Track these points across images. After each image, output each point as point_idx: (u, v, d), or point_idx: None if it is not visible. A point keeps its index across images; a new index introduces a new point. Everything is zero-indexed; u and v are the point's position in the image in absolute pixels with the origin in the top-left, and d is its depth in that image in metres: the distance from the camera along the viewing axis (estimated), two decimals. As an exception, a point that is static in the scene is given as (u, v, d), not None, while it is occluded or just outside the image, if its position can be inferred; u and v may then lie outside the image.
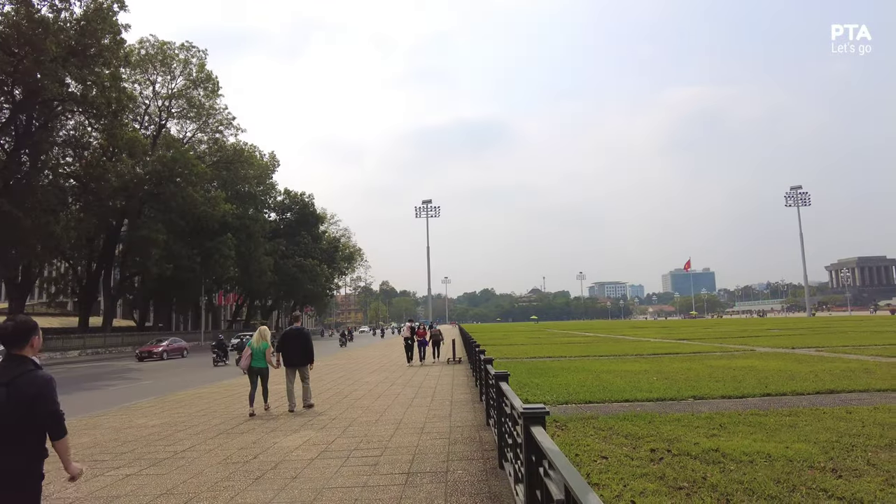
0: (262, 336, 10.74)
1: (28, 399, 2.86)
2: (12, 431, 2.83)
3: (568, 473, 2.23)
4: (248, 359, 10.54)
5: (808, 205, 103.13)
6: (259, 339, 10.70)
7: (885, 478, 5.03)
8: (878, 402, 8.89)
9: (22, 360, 2.99)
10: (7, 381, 2.86)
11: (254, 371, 10.56)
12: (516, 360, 19.82)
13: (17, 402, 2.84)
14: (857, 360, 15.36)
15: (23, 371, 2.93)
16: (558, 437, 7.19)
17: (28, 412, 2.86)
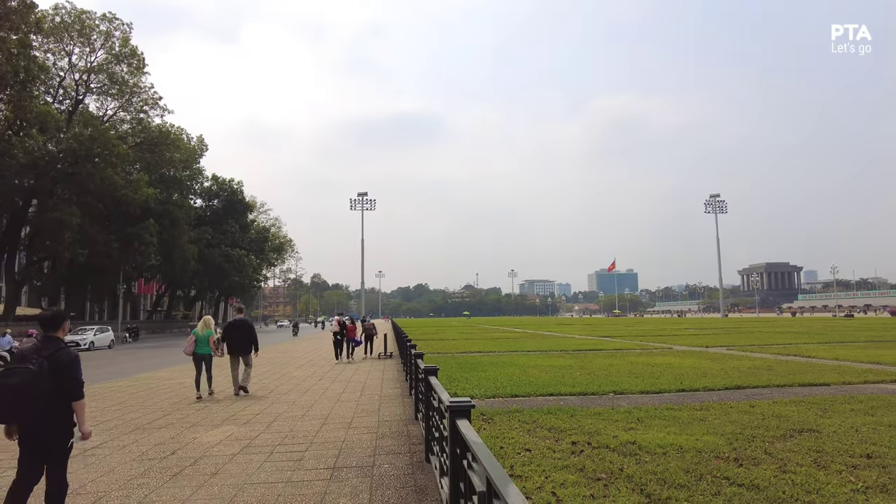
0: (207, 324, 11.53)
1: (62, 368, 3.88)
2: (45, 395, 3.77)
3: (490, 465, 2.28)
4: (193, 345, 11.19)
5: (724, 212, 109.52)
6: (203, 327, 11.44)
7: (779, 465, 5.45)
8: (777, 397, 9.59)
9: (56, 340, 4.03)
10: (48, 355, 3.87)
11: (198, 357, 11.20)
12: (447, 355, 19.99)
13: (55, 370, 3.85)
14: (761, 359, 16.51)
15: (58, 347, 3.96)
16: (485, 430, 7.32)
17: (61, 378, 3.87)
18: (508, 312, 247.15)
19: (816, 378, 11.80)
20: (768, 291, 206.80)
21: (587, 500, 4.55)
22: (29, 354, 3.89)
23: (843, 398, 9.28)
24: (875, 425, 7.19)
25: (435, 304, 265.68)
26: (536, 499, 4.64)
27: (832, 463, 5.52)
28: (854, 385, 10.98)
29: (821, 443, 6.32)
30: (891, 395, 9.60)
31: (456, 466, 3.33)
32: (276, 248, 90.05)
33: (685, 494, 4.65)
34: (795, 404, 8.79)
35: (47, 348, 3.91)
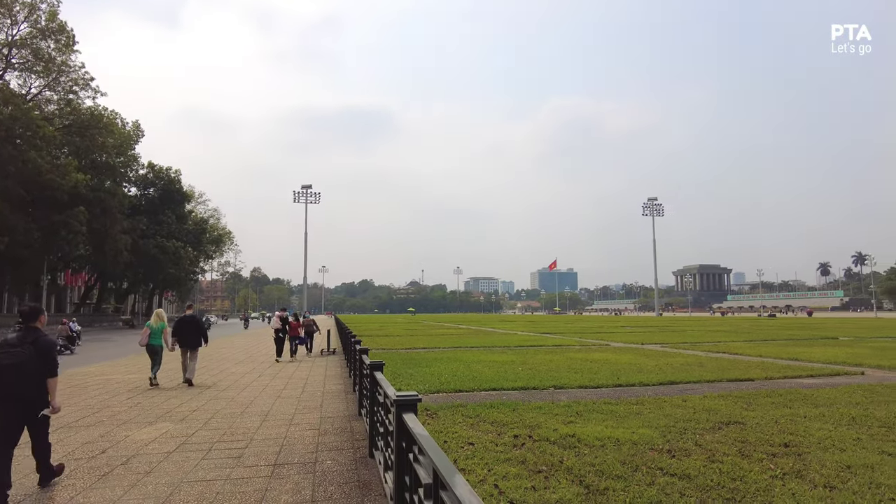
0: (160, 317, 12.46)
1: (45, 351, 4.93)
2: (36, 373, 4.85)
3: (436, 457, 2.31)
4: (147, 337, 12.07)
5: (661, 215, 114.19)
6: (157, 320, 12.34)
7: (708, 455, 5.75)
8: (707, 392, 10.09)
9: (36, 329, 5.04)
10: (32, 341, 4.90)
11: (151, 348, 12.10)
12: (392, 351, 19.94)
13: (38, 354, 4.88)
14: (693, 356, 17.32)
15: (39, 336, 5.00)
16: (429, 424, 7.36)
17: (43, 361, 4.91)
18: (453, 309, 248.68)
19: (742, 374, 12.48)
20: (700, 292, 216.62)
21: (528, 492, 4.66)
22: (16, 342, 4.86)
23: (765, 392, 9.86)
24: (792, 417, 7.68)
25: (380, 301, 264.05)
26: (479, 491, 4.70)
27: (755, 452, 5.87)
28: (775, 380, 11.68)
29: (745, 434, 6.71)
30: (806, 388, 10.27)
31: (401, 460, 3.34)
32: (215, 241, 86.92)
33: (622, 485, 4.84)
34: (723, 398, 9.26)
35: (30, 336, 4.92)
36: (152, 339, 12.07)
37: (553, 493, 4.65)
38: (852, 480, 4.91)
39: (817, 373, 12.68)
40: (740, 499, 4.49)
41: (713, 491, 4.67)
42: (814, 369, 13.31)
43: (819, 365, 14.31)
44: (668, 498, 4.49)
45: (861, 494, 4.55)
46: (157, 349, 12.11)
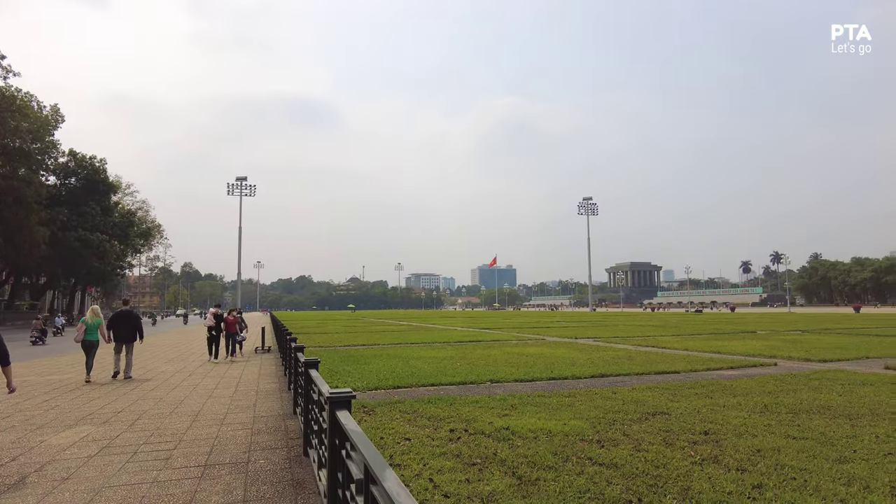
0: (95, 313, 12.67)
1: None
2: None
3: (368, 453, 2.32)
4: (83, 333, 12.32)
5: (596, 214, 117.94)
6: (93, 316, 12.57)
7: (635, 445, 6.02)
8: (635, 384, 10.53)
9: None
10: None
11: (87, 344, 12.34)
12: (330, 349, 19.68)
13: None
14: (623, 349, 18.02)
15: None
16: (366, 421, 7.33)
17: None
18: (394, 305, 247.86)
19: (669, 366, 13.10)
20: (632, 288, 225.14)
21: (463, 485, 4.74)
22: None
23: (689, 384, 10.40)
24: (713, 406, 8.14)
25: (319, 297, 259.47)
26: (414, 486, 4.75)
27: (677, 440, 6.19)
28: (699, 372, 12.33)
29: (669, 423, 7.06)
30: (726, 380, 10.90)
31: (335, 457, 3.32)
32: (143, 234, 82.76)
33: (553, 475, 4.99)
34: (650, 390, 9.70)
35: None
36: (88, 335, 12.33)
37: (486, 485, 4.74)
38: (761, 463, 5.27)
39: (736, 365, 13.48)
40: (662, 484, 4.73)
41: (638, 478, 4.89)
42: (733, 361, 14.14)
43: (738, 357, 15.20)
44: (595, 486, 4.67)
45: (767, 475, 4.90)
46: (93, 345, 12.38)
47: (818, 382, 10.31)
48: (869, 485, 4.64)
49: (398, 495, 1.86)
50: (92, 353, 12.37)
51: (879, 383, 10.15)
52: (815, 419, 7.25)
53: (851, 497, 4.37)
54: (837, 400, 8.57)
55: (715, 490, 4.56)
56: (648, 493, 4.53)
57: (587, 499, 4.40)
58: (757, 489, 4.58)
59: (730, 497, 4.40)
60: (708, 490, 4.55)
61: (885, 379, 10.70)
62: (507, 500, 4.39)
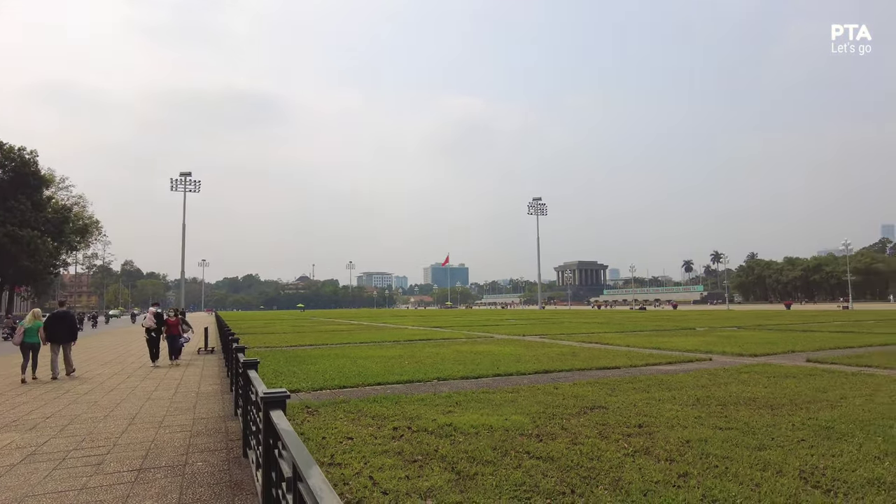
0: (36, 316, 12.85)
1: None
2: None
3: (296, 451, 2.34)
4: (21, 335, 12.50)
5: (545, 214, 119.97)
6: (32, 319, 12.73)
7: (572, 438, 6.22)
8: (577, 379, 10.84)
9: None
10: None
11: (26, 346, 12.51)
12: (276, 349, 19.35)
13: None
14: (568, 346, 18.47)
15: None
16: (308, 422, 7.29)
17: None
18: (345, 305, 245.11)
19: (610, 362, 13.52)
20: (579, 286, 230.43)
21: (402, 482, 4.80)
22: None
23: (628, 378, 10.77)
24: (649, 400, 8.48)
25: (267, 297, 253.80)
26: (354, 484, 4.77)
27: (612, 433, 6.43)
28: (638, 367, 12.78)
29: (606, 417, 7.31)
30: (663, 374, 11.35)
31: (269, 457, 3.32)
32: (80, 231, 78.82)
33: (490, 469, 5.11)
34: (591, 385, 10.01)
35: None
36: (27, 337, 12.52)
37: (426, 481, 4.82)
38: (688, 453, 5.55)
39: (674, 360, 14.04)
40: (595, 476, 4.92)
41: (573, 471, 5.07)
42: (671, 357, 14.72)
43: (676, 353, 15.83)
44: (531, 479, 4.82)
45: (693, 464, 5.17)
46: (33, 347, 12.56)
47: (747, 376, 10.87)
48: (781, 469, 4.97)
49: (321, 491, 1.90)
50: (31, 354, 12.54)
51: (801, 375, 10.80)
52: (741, 410, 7.65)
53: (765, 481, 4.66)
54: (763, 392, 9.07)
55: (644, 480, 4.78)
56: (582, 484, 4.70)
57: (522, 491, 4.54)
58: (682, 477, 4.83)
59: (657, 486, 4.63)
60: (637, 480, 4.77)
61: (805, 371, 11.39)
62: (445, 495, 4.48)
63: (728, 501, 4.26)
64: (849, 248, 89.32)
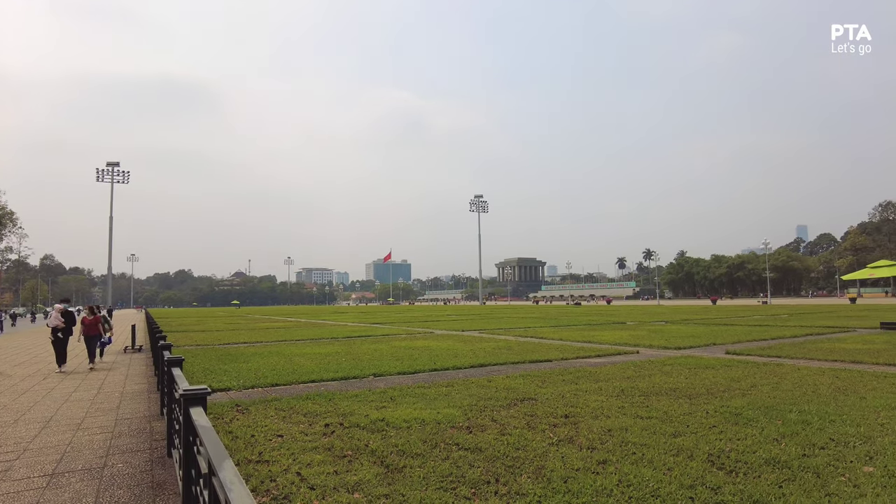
0: None
1: None
2: None
3: (211, 446, 2.34)
4: None
5: (486, 212, 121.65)
6: None
7: (500, 429, 6.39)
8: (510, 373, 11.10)
9: None
10: None
11: None
12: (208, 347, 18.76)
13: None
14: (504, 340, 18.84)
15: None
16: (238, 420, 7.15)
17: None
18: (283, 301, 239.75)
19: (543, 355, 13.90)
20: (519, 282, 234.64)
21: (330, 476, 4.81)
22: None
23: (558, 371, 11.13)
24: (576, 392, 8.80)
25: (200, 293, 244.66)
26: (282, 480, 4.74)
27: (539, 424, 6.65)
28: (569, 360, 13.20)
29: (535, 408, 7.55)
30: (592, 367, 11.79)
31: (189, 454, 3.27)
32: (-8, 223, 73.66)
33: (419, 462, 5.20)
34: (523, 378, 10.28)
35: None
36: None
37: (354, 475, 4.85)
38: (609, 441, 5.82)
39: (603, 353, 14.59)
40: (520, 465, 5.09)
41: (499, 460, 5.22)
42: (601, 350, 15.29)
43: (606, 346, 16.45)
44: (458, 470, 4.93)
45: (612, 452, 5.43)
46: None
47: (670, 367, 11.44)
48: (692, 454, 5.30)
49: (232, 483, 1.92)
50: None
51: (719, 366, 11.47)
52: (661, 400, 8.07)
53: (677, 465, 4.97)
54: (683, 382, 9.58)
55: (566, 467, 4.99)
56: (506, 473, 4.86)
57: (449, 482, 4.65)
58: (602, 464, 5.07)
59: (577, 473, 4.84)
60: (559, 468, 4.97)
61: (723, 362, 12.10)
62: (373, 488, 4.53)
63: (642, 485, 4.51)
64: (768, 247, 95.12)
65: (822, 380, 9.53)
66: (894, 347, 14.47)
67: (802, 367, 11.07)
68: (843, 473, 4.71)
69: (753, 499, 4.19)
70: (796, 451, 5.34)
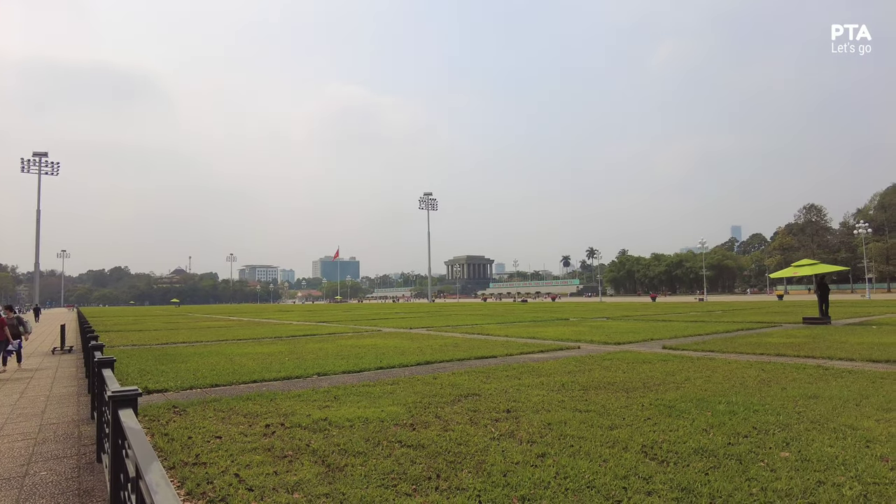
0: None
1: None
2: None
3: (139, 449, 2.27)
4: None
5: (436, 210, 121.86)
6: None
7: (443, 425, 6.45)
8: (456, 369, 11.19)
9: None
10: None
11: None
12: (145, 347, 18.03)
13: None
14: (451, 337, 18.96)
15: None
16: (175, 422, 6.93)
17: None
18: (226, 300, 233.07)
19: (489, 352, 14.08)
20: (468, 280, 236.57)
21: (269, 477, 4.73)
22: None
23: (503, 367, 11.30)
24: (519, 387, 8.97)
25: (137, 291, 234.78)
26: (219, 483, 4.63)
27: (482, 419, 6.75)
28: (514, 356, 13.42)
29: (478, 404, 7.65)
30: (535, 362, 12.03)
31: (118, 458, 3.16)
32: None
33: (361, 460, 5.18)
34: (468, 374, 10.38)
35: None
36: None
37: (294, 475, 4.79)
38: (549, 434, 5.97)
39: (546, 349, 14.90)
40: (461, 460, 5.15)
41: (440, 456, 5.27)
42: (544, 346, 15.61)
43: (549, 342, 16.81)
44: (400, 467, 4.95)
45: (551, 445, 5.58)
46: None
47: (609, 362, 11.81)
48: (627, 445, 5.51)
49: (158, 486, 1.88)
50: None
51: (655, 361, 11.92)
52: (600, 394, 8.32)
53: (612, 457, 5.15)
54: (621, 376, 9.91)
55: (506, 461, 5.09)
56: (447, 468, 4.91)
57: (390, 479, 4.66)
58: (540, 457, 5.19)
59: (516, 466, 4.94)
60: (499, 462, 5.06)
61: (660, 357, 12.59)
62: (313, 488, 4.49)
63: (578, 477, 4.65)
64: (704, 246, 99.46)
65: (750, 372, 10.05)
66: (814, 341, 15.42)
67: (732, 361, 11.65)
68: (762, 459, 5.00)
69: (682, 486, 4.40)
70: (722, 440, 5.63)
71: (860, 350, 12.89)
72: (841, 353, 12.51)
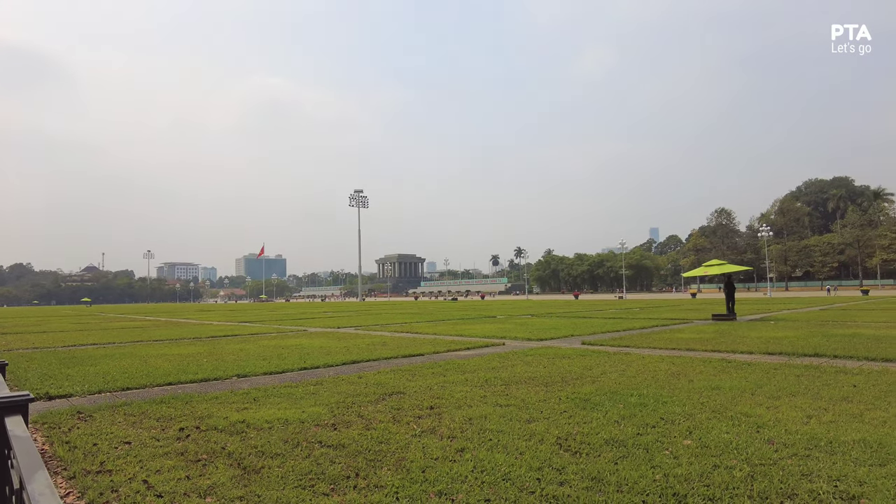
0: None
1: None
2: None
3: (23, 458, 2.14)
4: None
5: (366, 207, 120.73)
6: None
7: (366, 424, 6.43)
8: (382, 368, 11.15)
9: None
10: None
11: None
12: (49, 350, 16.81)
13: None
14: (379, 336, 18.87)
15: None
16: (79, 428, 6.52)
17: None
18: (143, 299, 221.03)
19: (416, 350, 14.13)
20: (399, 278, 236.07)
21: (181, 482, 4.56)
22: None
23: (429, 364, 11.38)
24: (444, 383, 9.07)
25: (43, 290, 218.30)
26: (125, 490, 4.41)
27: (405, 417, 6.78)
28: (441, 354, 13.54)
29: (402, 402, 7.67)
30: (461, 359, 12.19)
31: (3, 470, 2.95)
32: None
33: (279, 462, 5.09)
34: (394, 372, 10.38)
35: None
36: None
37: (208, 479, 4.64)
38: (469, 429, 6.09)
39: (472, 346, 15.14)
40: (381, 458, 5.17)
41: (361, 455, 5.26)
42: (471, 343, 15.86)
43: (476, 339, 17.09)
44: (318, 467, 4.90)
45: (471, 439, 5.69)
46: None
47: (531, 358, 12.15)
48: (543, 438, 5.70)
49: (41, 496, 1.77)
50: None
51: (575, 356, 12.38)
52: (521, 388, 8.56)
53: (528, 449, 5.32)
54: (542, 371, 10.23)
55: (426, 457, 5.14)
56: (367, 467, 4.91)
57: (308, 480, 4.60)
58: (459, 452, 5.29)
59: (436, 462, 5.01)
60: (420, 458, 5.11)
61: (579, 352, 13.08)
62: (227, 491, 4.37)
63: (494, 470, 4.77)
64: (624, 246, 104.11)
65: (661, 366, 10.63)
66: (720, 336, 16.51)
67: (646, 356, 12.27)
68: (667, 448, 5.32)
69: (592, 476, 4.61)
70: (632, 430, 5.94)
71: (759, 344, 13.93)
72: (742, 346, 13.46)
